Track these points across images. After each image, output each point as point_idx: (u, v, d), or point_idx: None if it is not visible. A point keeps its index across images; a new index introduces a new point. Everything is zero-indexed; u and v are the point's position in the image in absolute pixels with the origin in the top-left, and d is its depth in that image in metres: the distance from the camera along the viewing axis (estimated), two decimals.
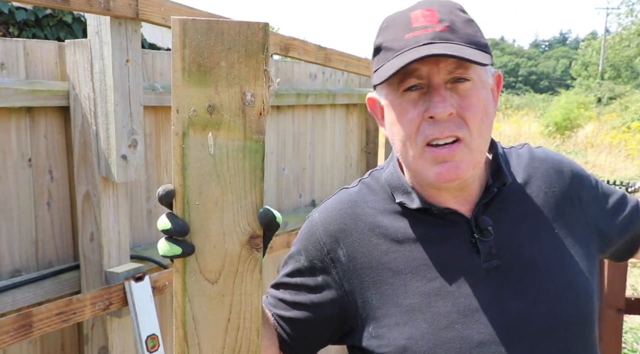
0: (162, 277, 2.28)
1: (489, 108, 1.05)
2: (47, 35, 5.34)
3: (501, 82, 1.14)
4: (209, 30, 0.76)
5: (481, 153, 1.05)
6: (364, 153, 4.04)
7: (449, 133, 1.01)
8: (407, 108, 1.03)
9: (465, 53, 0.98)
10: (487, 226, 1.08)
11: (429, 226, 1.09)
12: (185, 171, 0.79)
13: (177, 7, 2.19)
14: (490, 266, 1.05)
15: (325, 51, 3.06)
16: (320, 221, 1.17)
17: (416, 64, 0.99)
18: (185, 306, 0.82)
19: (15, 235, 2.04)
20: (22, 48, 2.01)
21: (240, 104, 0.78)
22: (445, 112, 0.99)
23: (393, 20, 1.07)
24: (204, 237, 0.80)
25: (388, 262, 1.08)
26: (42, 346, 2.14)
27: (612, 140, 14.65)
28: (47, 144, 2.12)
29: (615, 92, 27.77)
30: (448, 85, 1.01)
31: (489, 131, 1.06)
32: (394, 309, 1.05)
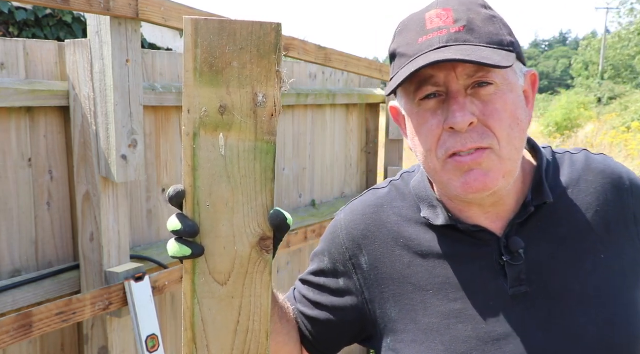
0: (162, 277, 2.28)
1: (518, 112, 0.94)
2: (47, 35, 5.34)
3: (537, 82, 1.03)
4: (221, 30, 0.75)
5: (513, 162, 0.95)
6: (364, 153, 4.04)
7: (472, 145, 0.92)
8: (425, 117, 0.95)
9: (482, 55, 0.89)
10: (519, 249, 0.98)
11: (455, 243, 1.01)
12: (196, 171, 0.78)
13: (177, 7, 2.19)
14: (518, 292, 0.97)
15: (325, 51, 3.06)
16: (345, 224, 1.12)
17: (431, 70, 0.92)
18: (195, 308, 0.81)
19: (15, 235, 2.04)
20: (22, 48, 2.01)
21: (251, 104, 0.77)
22: (465, 122, 0.90)
23: (408, 23, 0.99)
24: (214, 239, 0.80)
25: (409, 276, 1.03)
26: (42, 346, 2.14)
27: (613, 140, 14.65)
28: (47, 144, 2.12)
29: (615, 92, 27.76)
30: (469, 90, 0.93)
31: (521, 138, 0.95)
32: (412, 325, 1.01)
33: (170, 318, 2.57)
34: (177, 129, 2.57)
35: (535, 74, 1.02)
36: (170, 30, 6.23)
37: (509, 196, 1.00)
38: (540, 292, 0.96)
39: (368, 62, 3.48)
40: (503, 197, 0.99)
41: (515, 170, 0.96)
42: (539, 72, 3.26)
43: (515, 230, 1.00)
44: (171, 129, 2.54)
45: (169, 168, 2.55)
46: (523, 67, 0.99)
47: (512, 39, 0.95)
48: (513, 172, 0.96)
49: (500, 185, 0.94)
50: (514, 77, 0.95)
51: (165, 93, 2.41)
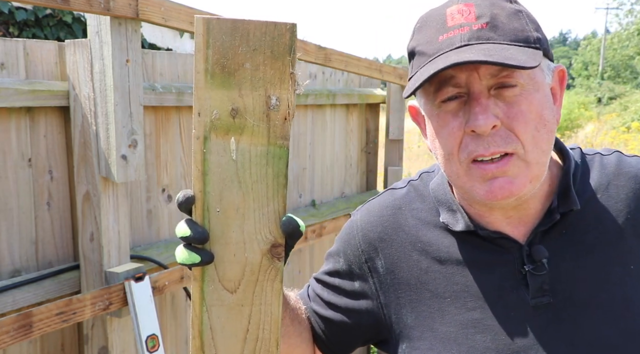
0: (162, 277, 2.28)
1: (545, 113, 0.89)
2: (47, 35, 5.33)
3: (565, 77, 0.98)
4: (233, 30, 0.72)
5: (540, 166, 0.90)
6: (364, 153, 4.04)
7: (496, 149, 0.87)
8: (446, 120, 0.90)
9: (506, 55, 0.83)
10: (542, 258, 0.93)
11: (475, 249, 0.97)
12: (206, 176, 0.75)
13: (177, 7, 2.19)
14: (540, 303, 0.92)
15: (325, 51, 3.06)
16: (361, 225, 1.09)
17: (452, 70, 0.87)
18: (203, 316, 0.79)
19: (15, 235, 2.04)
20: (22, 48, 2.01)
21: (264, 108, 0.74)
22: (488, 125, 0.85)
23: (427, 19, 0.94)
24: (224, 245, 0.77)
25: (427, 282, 0.99)
26: (42, 346, 2.14)
27: (612, 140, 14.65)
28: (47, 144, 2.12)
29: (615, 92, 27.76)
30: (492, 91, 0.88)
31: (548, 140, 0.90)
32: (428, 333, 0.98)
33: (170, 318, 2.57)
34: (177, 129, 2.57)
35: (563, 69, 0.97)
36: (170, 30, 6.23)
37: (533, 200, 0.95)
38: (565, 303, 0.91)
39: (368, 62, 3.48)
40: (527, 200, 0.94)
41: (542, 174, 0.91)
42: None
43: (539, 238, 0.95)
44: (171, 129, 2.53)
45: (169, 168, 2.54)
46: (550, 64, 0.94)
47: (539, 35, 0.90)
48: (540, 176, 0.91)
49: (527, 190, 0.90)
50: (540, 75, 0.90)
51: (165, 93, 2.41)
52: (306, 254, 3.58)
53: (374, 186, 4.13)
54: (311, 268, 3.64)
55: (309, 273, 3.63)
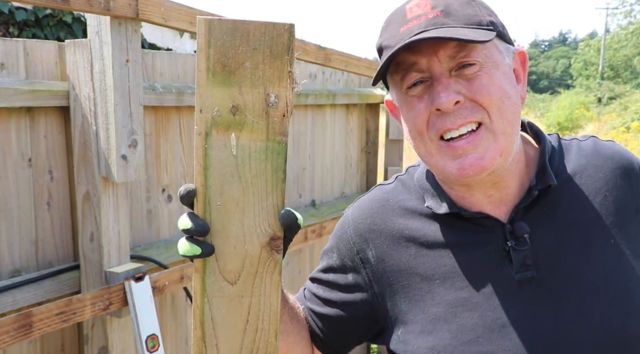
0: (162, 277, 2.28)
1: (507, 88, 0.94)
2: (47, 35, 5.33)
3: (526, 59, 1.03)
4: (234, 31, 0.75)
5: (507, 137, 0.94)
6: (364, 153, 4.04)
7: (462, 121, 0.92)
8: (413, 103, 0.96)
9: (459, 33, 0.89)
10: (524, 234, 0.97)
11: (460, 231, 1.02)
12: (207, 171, 0.78)
13: (177, 7, 2.19)
14: (524, 277, 0.96)
15: (325, 51, 3.06)
16: (352, 220, 1.14)
17: (413, 56, 0.93)
18: (204, 307, 0.82)
19: (15, 235, 2.04)
20: (22, 48, 2.01)
21: (263, 105, 0.77)
22: (450, 101, 0.91)
23: (391, 17, 1.01)
24: (224, 238, 0.80)
25: (416, 267, 1.03)
26: (42, 346, 2.14)
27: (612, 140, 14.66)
28: (47, 144, 2.12)
29: (615, 92, 27.77)
30: (453, 72, 0.93)
31: (513, 112, 0.94)
32: (420, 315, 1.01)
33: (170, 318, 2.57)
34: (177, 129, 2.57)
35: (523, 52, 1.02)
36: (170, 30, 6.23)
37: (511, 178, 1.00)
38: (549, 277, 0.95)
39: (368, 62, 3.48)
40: (504, 177, 0.99)
41: (511, 146, 0.95)
42: (538, 72, 3.19)
43: (521, 215, 0.99)
44: (171, 129, 2.54)
45: (169, 168, 2.54)
46: (509, 46, 0.99)
47: (492, 19, 0.96)
48: (509, 148, 0.95)
49: (498, 164, 0.94)
50: (498, 55, 0.95)
51: (165, 93, 2.41)
52: (306, 254, 3.58)
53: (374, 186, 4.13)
54: (311, 268, 3.64)
55: (309, 272, 3.62)
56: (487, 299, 0.96)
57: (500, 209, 1.01)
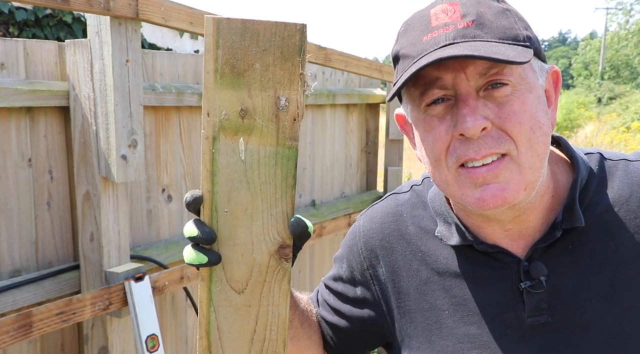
0: (162, 277, 2.28)
1: (539, 115, 0.83)
2: (47, 35, 5.33)
3: (559, 79, 0.92)
4: (243, 31, 0.72)
5: (534, 171, 0.83)
6: (364, 153, 4.04)
7: (487, 151, 0.81)
8: (432, 124, 0.85)
9: (494, 50, 0.78)
10: (540, 276, 0.87)
11: (473, 263, 0.93)
12: (215, 176, 0.75)
13: (177, 7, 2.19)
14: (537, 322, 0.87)
15: (325, 51, 3.06)
16: (363, 231, 1.07)
17: (437, 71, 0.82)
18: (210, 316, 0.79)
19: (15, 235, 2.04)
20: (22, 48, 2.01)
21: (273, 108, 0.74)
22: (477, 127, 0.80)
23: (411, 21, 0.89)
24: (232, 246, 0.77)
25: (426, 294, 0.97)
26: (42, 346, 2.14)
27: (612, 140, 14.65)
28: (47, 144, 2.12)
29: (615, 92, 27.77)
30: (481, 93, 0.82)
31: (543, 143, 0.83)
32: (426, 345, 0.97)
33: (170, 318, 2.57)
34: (177, 129, 2.57)
35: (557, 71, 0.91)
36: (170, 30, 6.23)
37: (532, 212, 0.89)
38: (565, 324, 0.86)
39: (368, 62, 3.48)
40: (525, 211, 0.89)
41: (537, 181, 0.84)
42: None
43: (540, 254, 0.89)
44: (171, 129, 2.53)
45: (169, 168, 2.54)
46: (543, 65, 0.88)
47: (529, 34, 0.84)
48: (534, 183, 0.84)
49: (521, 199, 0.84)
50: (532, 75, 0.85)
51: (165, 93, 2.41)
52: (306, 254, 3.58)
53: (374, 186, 4.13)
54: (311, 268, 3.64)
55: (309, 273, 3.63)
56: (498, 340, 0.89)
57: (518, 244, 0.91)
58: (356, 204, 3.79)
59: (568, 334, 0.86)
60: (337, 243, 3.82)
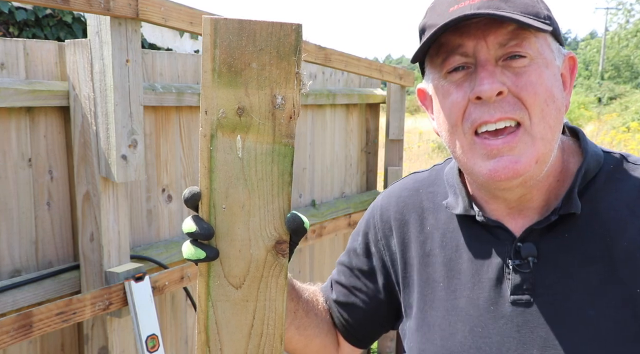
0: (162, 277, 2.28)
1: (554, 91, 0.85)
2: (47, 35, 5.33)
3: (576, 66, 0.93)
4: (240, 31, 0.74)
5: (546, 143, 0.85)
6: (364, 153, 4.04)
7: (502, 115, 0.83)
8: (449, 90, 0.87)
9: (515, 18, 0.81)
10: (528, 256, 0.90)
11: (473, 236, 0.97)
12: (212, 173, 0.77)
13: (177, 7, 2.19)
14: (518, 300, 0.90)
15: (325, 51, 3.06)
16: (380, 205, 1.12)
17: (459, 38, 0.84)
18: (209, 311, 0.81)
19: (15, 235, 2.04)
20: (22, 48, 2.01)
21: (270, 106, 0.76)
22: (494, 89, 0.82)
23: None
24: (229, 242, 0.79)
25: (427, 265, 1.01)
26: (42, 346, 2.14)
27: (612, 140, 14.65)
28: (47, 144, 2.12)
29: (615, 92, 27.77)
30: (500, 62, 0.85)
31: (556, 117, 0.85)
32: (419, 314, 1.01)
33: (170, 317, 2.57)
34: (177, 129, 2.57)
35: (574, 57, 0.93)
36: (170, 30, 6.23)
37: (538, 191, 0.91)
38: (545, 307, 0.88)
39: (368, 62, 3.48)
40: (531, 190, 0.90)
41: (549, 154, 0.86)
42: None
43: (536, 235, 0.91)
44: (171, 129, 2.54)
45: (169, 168, 2.55)
46: (561, 48, 0.91)
47: (549, 14, 0.87)
48: (547, 156, 0.86)
49: (532, 171, 0.85)
50: (549, 54, 0.87)
51: (165, 93, 2.41)
52: (306, 254, 3.58)
53: (374, 186, 4.13)
54: (311, 268, 3.64)
55: (309, 272, 3.63)
56: (480, 315, 0.93)
57: (518, 222, 0.94)
58: (356, 204, 3.79)
59: (546, 318, 0.88)
60: (337, 243, 3.82)
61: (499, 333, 0.91)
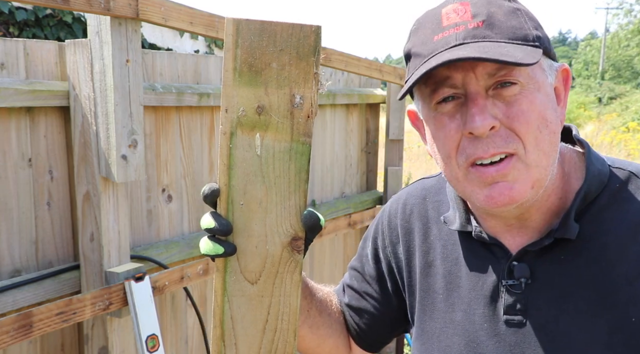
0: (162, 277, 2.28)
1: (547, 113, 0.84)
2: (47, 35, 5.33)
3: (570, 77, 0.92)
4: (261, 31, 0.76)
5: (541, 169, 0.84)
6: (364, 153, 4.04)
7: (495, 150, 0.83)
8: (443, 122, 0.87)
9: (502, 52, 0.79)
10: (521, 277, 0.90)
11: (472, 252, 0.97)
12: (231, 170, 0.79)
13: (177, 7, 2.19)
14: (511, 321, 0.90)
15: (325, 51, 3.06)
16: (388, 212, 1.14)
17: (447, 71, 0.84)
18: (224, 306, 0.83)
19: (15, 235, 2.04)
20: (22, 48, 2.01)
21: (289, 105, 0.78)
22: (485, 126, 0.82)
23: (423, 20, 0.91)
24: (246, 238, 0.81)
25: (428, 275, 1.03)
26: (42, 346, 2.14)
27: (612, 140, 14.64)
28: (47, 144, 2.12)
29: (615, 92, 27.76)
30: (490, 91, 0.84)
31: (551, 142, 0.85)
32: (419, 323, 1.04)
33: (170, 318, 2.57)
34: (177, 129, 2.57)
35: (567, 69, 0.92)
36: (170, 30, 6.23)
37: (537, 211, 0.91)
38: (537, 329, 0.88)
39: (368, 62, 3.48)
40: (529, 209, 0.90)
41: (544, 179, 0.86)
42: None
43: (532, 256, 0.90)
44: (171, 129, 2.54)
45: (169, 168, 2.55)
46: (553, 63, 0.89)
47: (538, 33, 0.86)
48: (542, 181, 0.85)
49: (528, 197, 0.85)
50: (541, 74, 0.86)
51: (165, 93, 2.41)
52: (307, 254, 3.58)
53: (374, 186, 4.13)
54: (311, 268, 3.64)
55: (309, 273, 3.63)
56: (476, 331, 0.94)
57: (515, 241, 0.93)
58: (356, 204, 3.79)
59: (538, 340, 0.88)
60: (337, 243, 3.82)
61: (493, 350, 0.92)
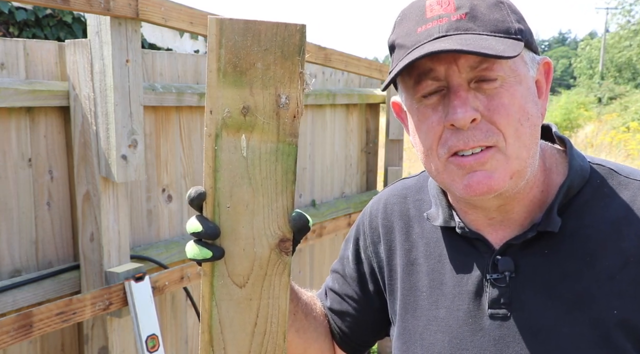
0: (162, 277, 2.28)
1: (528, 106, 0.85)
2: (47, 35, 5.33)
3: (551, 70, 0.93)
4: (245, 31, 0.75)
5: (521, 161, 0.85)
6: (364, 153, 4.04)
7: (475, 143, 0.84)
8: (426, 114, 0.88)
9: (484, 44, 0.80)
10: (505, 271, 0.90)
11: (454, 248, 0.98)
12: (217, 173, 0.77)
13: (177, 7, 2.19)
14: (495, 315, 0.91)
15: (325, 51, 3.06)
16: (369, 212, 1.13)
17: (430, 63, 0.84)
18: (212, 310, 0.81)
19: (15, 235, 2.04)
20: (22, 48, 2.01)
21: (274, 106, 0.76)
22: (467, 118, 0.82)
23: (407, 11, 0.91)
24: (234, 241, 0.79)
25: (410, 274, 1.02)
26: (42, 346, 2.14)
27: (612, 140, 14.64)
28: (47, 144, 2.12)
29: (615, 92, 27.74)
30: (472, 84, 0.85)
31: (531, 135, 0.86)
32: (400, 322, 1.03)
33: (170, 317, 2.57)
34: (177, 129, 2.57)
35: (549, 62, 0.93)
36: (170, 30, 6.23)
37: (519, 204, 0.91)
38: (521, 323, 0.89)
39: (368, 62, 3.48)
40: (510, 201, 0.90)
41: (524, 170, 0.86)
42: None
43: (516, 250, 0.91)
44: (171, 129, 2.54)
45: (169, 168, 2.55)
46: (535, 56, 0.90)
47: (520, 26, 0.86)
48: (522, 172, 0.86)
49: (507, 186, 0.86)
50: (523, 67, 0.87)
51: (165, 93, 2.41)
52: (306, 254, 3.58)
53: (374, 186, 4.13)
54: (311, 268, 3.64)
55: (309, 272, 3.63)
56: (460, 326, 0.93)
57: (498, 234, 0.94)
58: (356, 204, 3.79)
59: (522, 333, 0.88)
60: (337, 243, 3.82)
61: (477, 346, 0.92)
